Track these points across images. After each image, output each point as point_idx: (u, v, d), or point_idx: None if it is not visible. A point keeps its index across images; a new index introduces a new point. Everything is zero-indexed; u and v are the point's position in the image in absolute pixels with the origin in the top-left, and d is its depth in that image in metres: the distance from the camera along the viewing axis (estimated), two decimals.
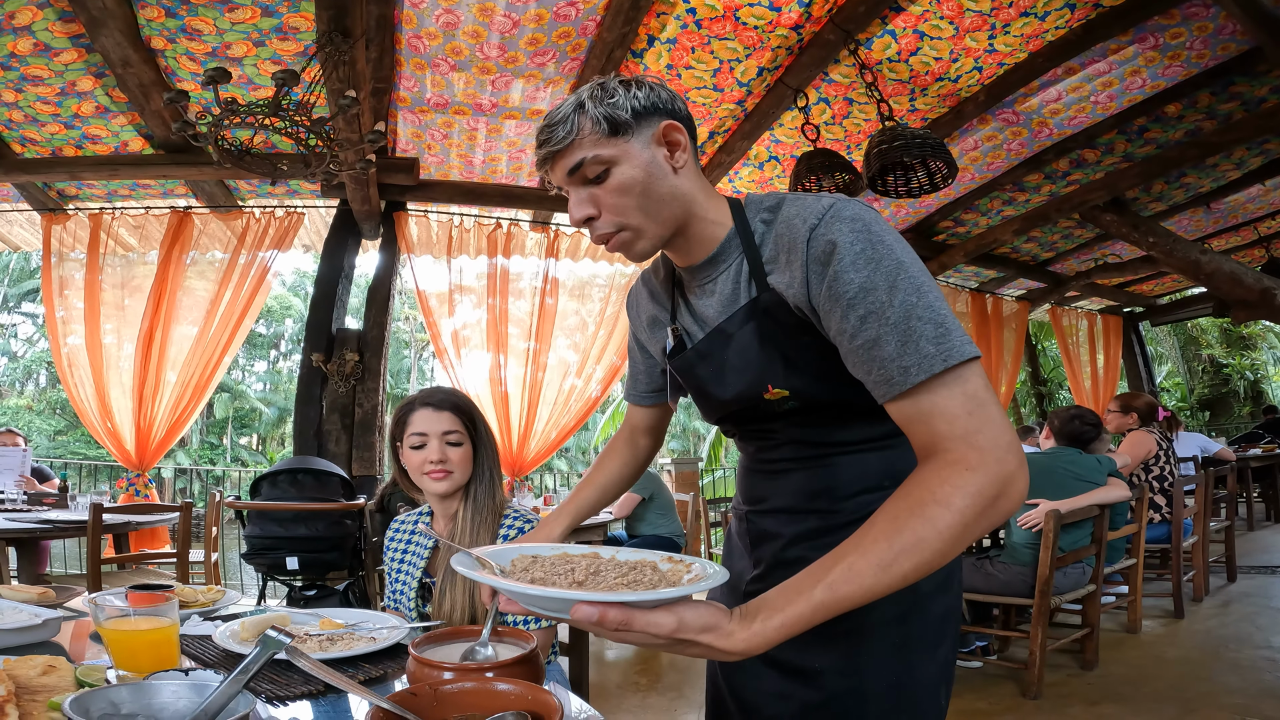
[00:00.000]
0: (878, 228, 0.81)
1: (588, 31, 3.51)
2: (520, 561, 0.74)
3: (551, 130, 0.86)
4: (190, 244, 4.78)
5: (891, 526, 0.67)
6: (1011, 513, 0.71)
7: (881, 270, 0.78)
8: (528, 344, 5.07)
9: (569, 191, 0.89)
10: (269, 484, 3.55)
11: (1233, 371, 15.13)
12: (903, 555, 0.66)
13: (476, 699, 0.68)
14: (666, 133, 0.89)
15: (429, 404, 1.45)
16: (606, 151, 0.85)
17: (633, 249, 0.91)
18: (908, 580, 0.67)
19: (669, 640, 0.62)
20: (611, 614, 0.59)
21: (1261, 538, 5.93)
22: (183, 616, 1.31)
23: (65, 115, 3.89)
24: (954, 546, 0.67)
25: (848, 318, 0.79)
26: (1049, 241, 6.56)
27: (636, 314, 1.16)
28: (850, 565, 0.66)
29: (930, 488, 0.69)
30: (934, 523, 0.67)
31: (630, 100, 0.86)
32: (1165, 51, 3.77)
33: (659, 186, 0.88)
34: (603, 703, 3.01)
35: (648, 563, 0.72)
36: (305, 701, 0.95)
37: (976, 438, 0.71)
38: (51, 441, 17.23)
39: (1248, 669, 2.87)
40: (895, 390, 0.76)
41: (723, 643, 0.63)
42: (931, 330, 0.75)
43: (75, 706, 0.64)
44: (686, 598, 0.63)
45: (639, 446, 1.27)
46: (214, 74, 2.60)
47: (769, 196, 0.94)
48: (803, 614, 0.64)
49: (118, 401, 4.66)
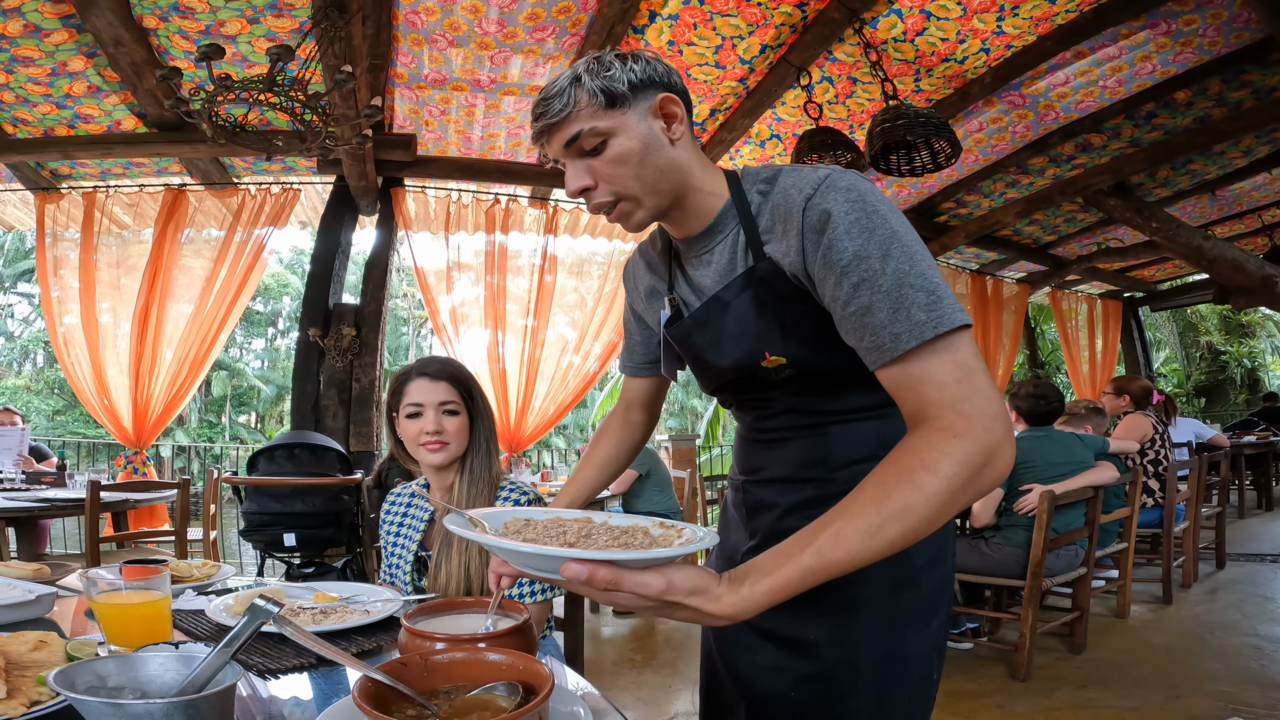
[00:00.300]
0: (872, 198, 0.82)
1: (588, 6, 3.45)
2: (513, 524, 0.75)
3: (548, 103, 0.87)
4: (185, 221, 4.75)
5: (879, 492, 0.68)
6: (998, 481, 0.72)
7: (875, 239, 0.79)
8: (526, 321, 5.06)
9: (565, 164, 0.90)
10: (266, 459, 3.55)
11: (1230, 359, 15.15)
12: (890, 521, 0.66)
13: (467, 669, 0.68)
14: (663, 105, 0.89)
15: (425, 374, 1.44)
16: (603, 123, 0.86)
17: (630, 219, 0.92)
18: (895, 547, 0.67)
19: (657, 601, 0.62)
20: (601, 573, 0.59)
21: (1252, 525, 5.97)
22: (176, 591, 1.32)
23: (57, 95, 3.84)
24: (941, 513, 0.68)
25: (841, 285, 0.80)
26: (1051, 225, 6.52)
27: (634, 285, 1.17)
28: (838, 531, 0.66)
29: (919, 454, 0.69)
30: (921, 489, 0.67)
31: (627, 73, 0.87)
32: (1178, 38, 3.71)
33: (656, 158, 0.89)
34: (598, 679, 3.05)
35: (639, 527, 0.72)
36: (302, 674, 0.95)
37: (964, 405, 0.71)
38: (50, 421, 17.23)
39: (1233, 656, 2.90)
40: (887, 356, 0.77)
41: (711, 606, 0.63)
42: (923, 298, 0.75)
43: (60, 679, 0.64)
44: (676, 560, 0.63)
45: (634, 423, 1.27)
46: (207, 50, 2.57)
47: (765, 168, 0.95)
48: (791, 579, 0.65)
49: (115, 380, 4.65)
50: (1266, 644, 3.01)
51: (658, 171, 0.89)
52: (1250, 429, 7.45)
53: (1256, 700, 2.44)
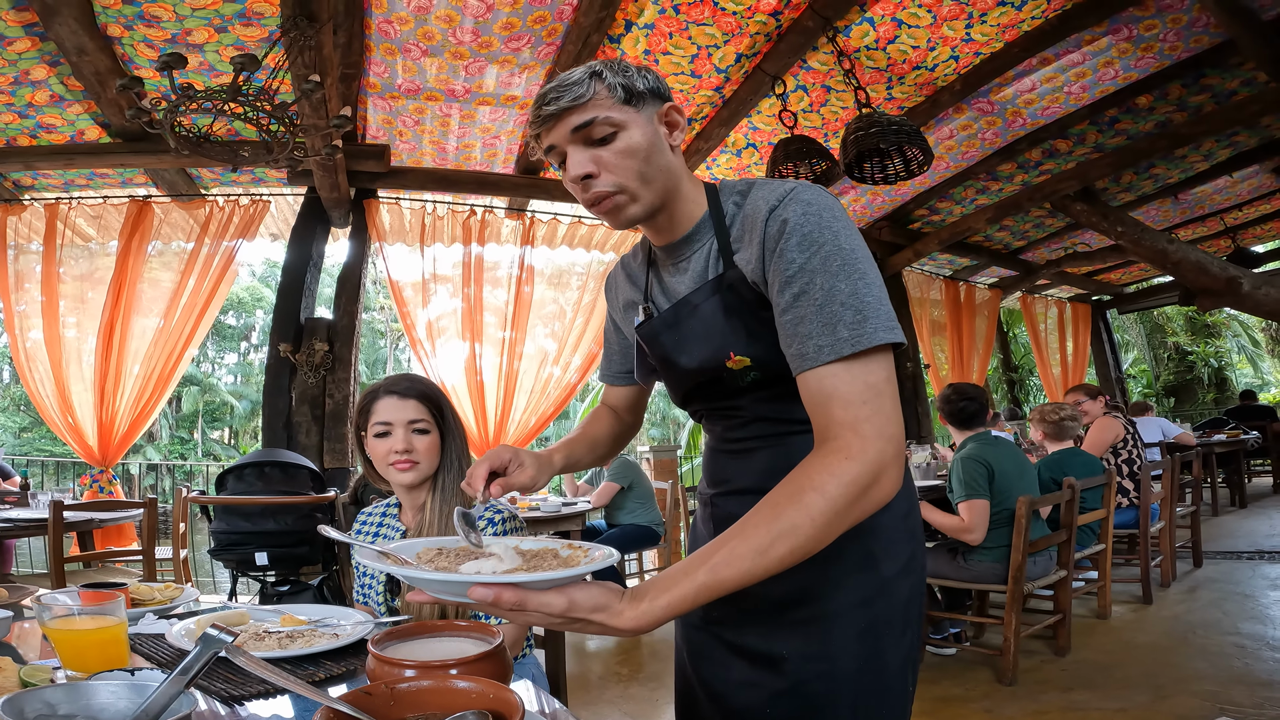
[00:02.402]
0: (828, 214, 0.86)
1: (564, 16, 3.45)
2: (425, 554, 0.78)
3: (565, 89, 0.89)
4: (151, 234, 4.64)
5: (772, 513, 0.72)
6: (884, 501, 0.76)
7: (821, 254, 0.83)
8: (504, 333, 5.01)
9: (569, 150, 0.92)
10: (235, 478, 3.47)
11: (1197, 359, 15.51)
12: (779, 540, 0.70)
13: (436, 698, 0.65)
14: (668, 114, 0.95)
15: (394, 392, 1.41)
16: (619, 115, 0.90)
17: (624, 212, 0.94)
18: (784, 564, 0.71)
19: (562, 619, 0.66)
20: (506, 595, 0.64)
21: (1226, 523, 6.08)
22: (136, 615, 1.26)
23: (19, 105, 3.75)
24: (827, 532, 0.72)
25: (784, 293, 0.85)
26: (1020, 230, 6.64)
27: (614, 296, 1.20)
28: (732, 550, 0.70)
29: (810, 475, 0.74)
30: (808, 509, 0.72)
31: (641, 79, 0.93)
32: (1139, 43, 3.80)
33: (658, 158, 0.93)
34: (584, 694, 3.00)
35: (549, 550, 0.77)
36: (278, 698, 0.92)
37: (863, 426, 0.76)
38: (17, 439, 16.77)
39: (1217, 655, 2.91)
40: (806, 365, 0.81)
41: (613, 621, 0.67)
42: (851, 315, 0.80)
43: (8, 707, 0.63)
44: (580, 579, 0.67)
45: (622, 420, 1.27)
46: (169, 59, 2.51)
47: (742, 181, 1.00)
48: (686, 594, 0.69)
49: (79, 396, 4.52)
50: (1249, 642, 3.03)
51: (658, 170, 0.93)
52: (1221, 427, 7.61)
53: (1244, 699, 2.45)
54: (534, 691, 0.96)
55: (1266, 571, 4.30)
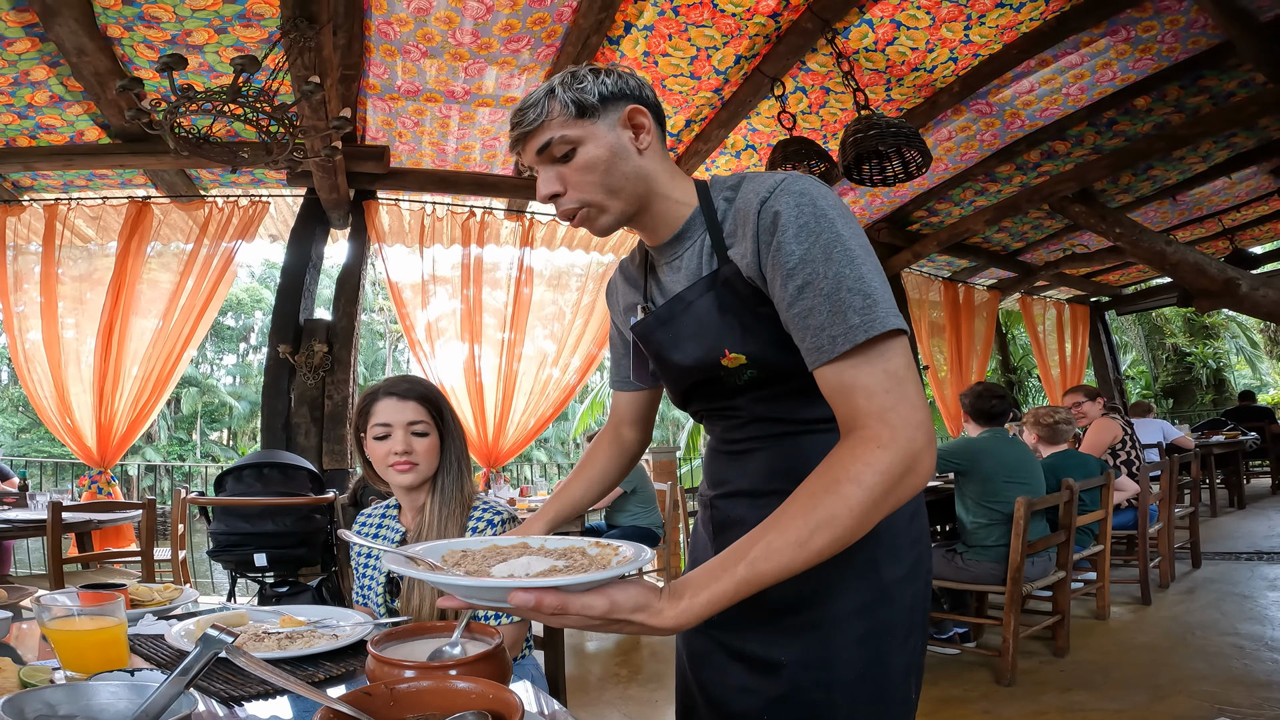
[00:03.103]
0: (822, 202, 0.85)
1: (563, 18, 3.45)
2: (451, 556, 0.76)
3: (523, 113, 0.92)
4: (150, 234, 4.64)
5: (808, 504, 0.71)
6: (919, 487, 0.75)
7: (820, 243, 0.82)
8: (504, 334, 5.01)
9: (538, 170, 0.94)
10: (234, 479, 3.47)
11: (1196, 360, 15.52)
12: (818, 532, 0.69)
13: (435, 698, 0.65)
14: (631, 116, 0.93)
15: (393, 393, 1.41)
16: (573, 132, 0.90)
17: (595, 223, 0.95)
18: (823, 555, 0.70)
19: (603, 620, 0.65)
20: (548, 599, 0.62)
21: (1225, 524, 6.08)
22: (136, 616, 1.27)
23: (19, 105, 3.75)
24: (865, 522, 0.71)
25: (786, 287, 0.84)
26: (1019, 232, 6.64)
27: (615, 301, 1.20)
28: (770, 543, 0.69)
29: (844, 465, 0.73)
30: (846, 499, 0.71)
31: (598, 86, 0.91)
32: (1136, 44, 3.81)
33: (622, 166, 0.92)
34: (583, 695, 3.00)
35: (576, 548, 0.75)
36: (278, 699, 0.92)
37: (890, 415, 0.75)
38: (15, 440, 16.76)
39: (1215, 656, 2.92)
40: (824, 358, 0.80)
41: (654, 620, 0.66)
42: (859, 301, 0.79)
43: (8, 707, 0.63)
44: (617, 579, 0.66)
45: (625, 440, 1.26)
46: (169, 60, 2.51)
47: (732, 177, 0.98)
48: (727, 590, 0.68)
49: (78, 397, 4.52)
50: (1248, 643, 3.04)
51: (623, 178, 0.93)
52: (1219, 428, 7.61)
53: (1242, 700, 2.45)
54: (533, 692, 0.96)
55: (1265, 572, 4.30)
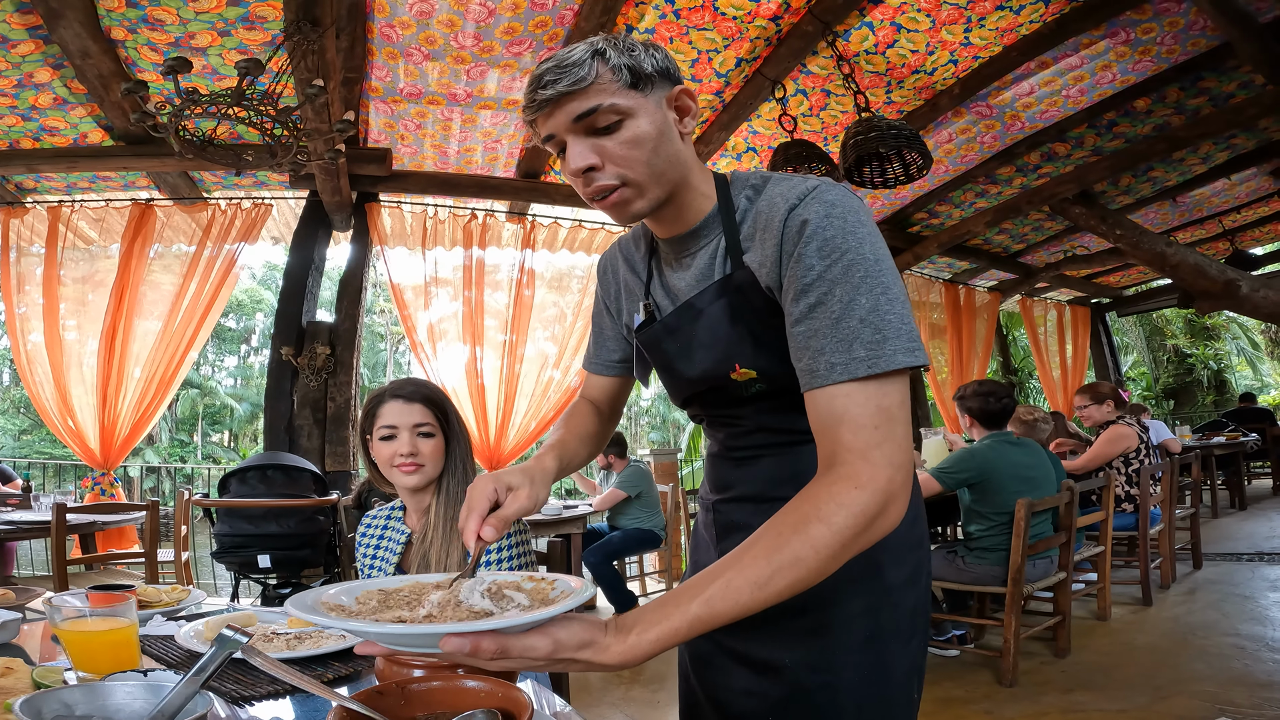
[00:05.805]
0: (854, 218, 0.79)
1: (565, 21, 3.46)
2: (367, 598, 0.68)
3: (565, 71, 0.80)
4: (153, 237, 4.65)
5: (774, 543, 0.68)
6: (889, 530, 0.72)
7: (842, 262, 0.77)
8: (505, 336, 5.02)
9: (569, 140, 0.83)
10: (238, 481, 3.48)
11: (1196, 361, 15.52)
12: (779, 573, 0.67)
13: (446, 697, 0.66)
14: (679, 97, 0.87)
15: (399, 396, 1.42)
16: (624, 102, 0.81)
17: (630, 207, 0.86)
18: (782, 597, 0.67)
19: (548, 660, 0.61)
20: (485, 643, 0.58)
21: (1226, 525, 6.08)
22: (145, 617, 1.28)
23: (22, 107, 3.76)
24: (830, 565, 0.69)
25: (798, 302, 0.80)
26: (1019, 233, 6.65)
27: (610, 278, 1.11)
28: (728, 582, 0.66)
29: (817, 503, 0.70)
30: (813, 541, 0.68)
31: (650, 58, 0.84)
32: (1136, 46, 3.82)
33: (667, 147, 0.85)
34: (585, 696, 3.01)
35: (509, 583, 0.69)
36: (281, 700, 0.93)
37: (873, 453, 0.72)
38: (17, 441, 16.78)
39: (1216, 656, 2.92)
40: (817, 383, 0.77)
41: (600, 657, 0.63)
42: (870, 334, 0.75)
43: (26, 708, 0.63)
44: (557, 616, 0.62)
45: (602, 414, 1.15)
46: (174, 63, 2.52)
47: (755, 174, 0.92)
48: (679, 628, 0.65)
49: (80, 399, 4.53)
50: (1249, 643, 3.04)
51: (666, 161, 0.85)
52: (1220, 430, 7.61)
53: (1243, 700, 2.45)
54: (540, 692, 0.97)
55: (1266, 573, 4.30)
